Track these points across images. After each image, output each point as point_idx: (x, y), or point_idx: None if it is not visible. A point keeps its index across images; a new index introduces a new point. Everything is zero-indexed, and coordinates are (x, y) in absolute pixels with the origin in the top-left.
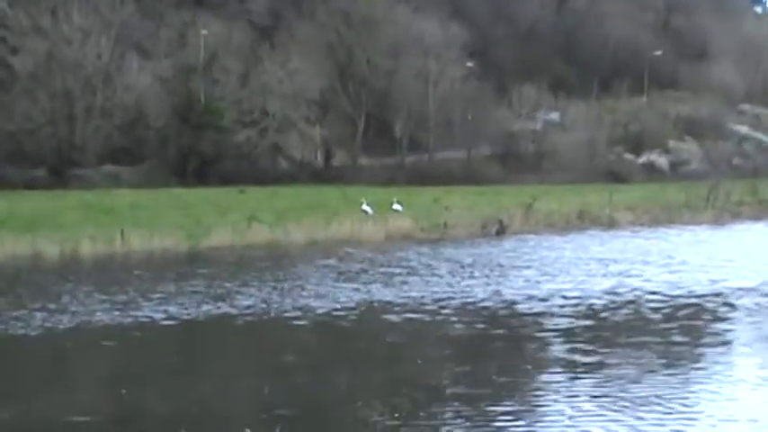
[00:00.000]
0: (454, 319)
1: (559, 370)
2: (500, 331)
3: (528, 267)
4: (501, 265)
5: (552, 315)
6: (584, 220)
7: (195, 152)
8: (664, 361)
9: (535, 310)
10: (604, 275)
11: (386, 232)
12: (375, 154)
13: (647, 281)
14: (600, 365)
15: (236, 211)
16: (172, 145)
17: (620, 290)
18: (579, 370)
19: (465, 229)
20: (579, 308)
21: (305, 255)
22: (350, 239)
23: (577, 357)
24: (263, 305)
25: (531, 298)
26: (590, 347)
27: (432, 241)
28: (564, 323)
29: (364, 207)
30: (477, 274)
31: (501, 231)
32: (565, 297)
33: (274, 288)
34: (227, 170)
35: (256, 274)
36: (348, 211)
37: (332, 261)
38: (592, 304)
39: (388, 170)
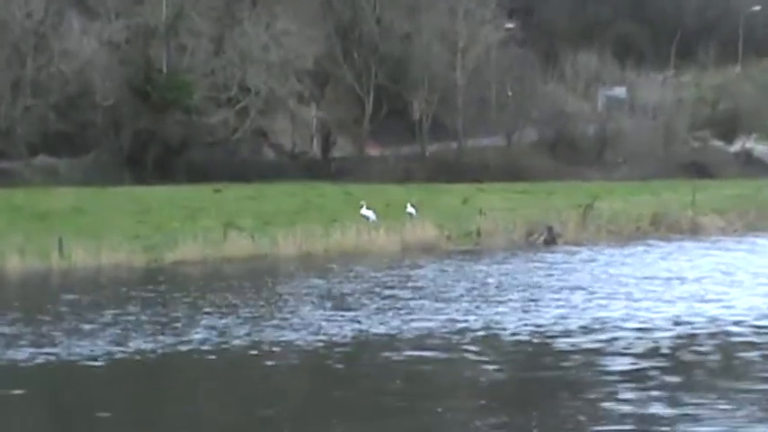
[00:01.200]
0: (479, 357)
1: (621, 426)
2: (541, 374)
3: (580, 288)
4: (546, 286)
5: (608, 353)
6: (658, 227)
7: (156, 139)
8: (763, 414)
9: (586, 346)
10: (675, 300)
11: (402, 243)
12: (387, 142)
13: (730, 307)
14: (675, 420)
15: (209, 215)
16: (126, 130)
17: (696, 319)
18: (647, 426)
19: (504, 238)
20: (643, 342)
21: (295, 272)
22: (354, 252)
23: (644, 409)
24: (236, 339)
25: (581, 330)
26: (659, 395)
27: (461, 254)
28: (623, 363)
29: (364, 211)
30: (514, 297)
31: (550, 241)
32: (625, 328)
33: (251, 316)
34: (198, 162)
35: (230, 298)
36: (353, 215)
37: (328, 280)
38: (659, 338)
39: (405, 162)
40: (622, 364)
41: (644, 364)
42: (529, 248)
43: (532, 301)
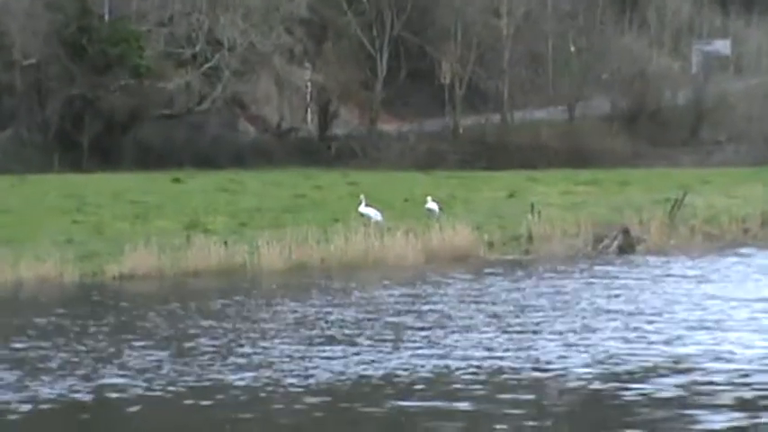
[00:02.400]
0: (520, 411)
1: None
2: None
3: (663, 313)
4: (615, 310)
5: (694, 404)
6: None
7: (95, 111)
8: None
9: (663, 394)
10: None
11: (426, 251)
12: (407, 114)
13: None
14: None
15: (167, 213)
16: (54, 98)
17: None
18: None
19: (563, 244)
20: (740, 393)
21: (279, 290)
22: (362, 264)
23: None
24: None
25: (657, 371)
26: None
27: (505, 266)
28: (718, 421)
29: (363, 208)
30: (571, 324)
31: (626, 248)
32: (714, 370)
33: (203, 351)
34: (151, 142)
35: (183, 325)
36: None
37: (321, 302)
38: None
39: (430, 142)
40: (717, 421)
41: (745, 421)
42: (597, 258)
43: (594, 330)
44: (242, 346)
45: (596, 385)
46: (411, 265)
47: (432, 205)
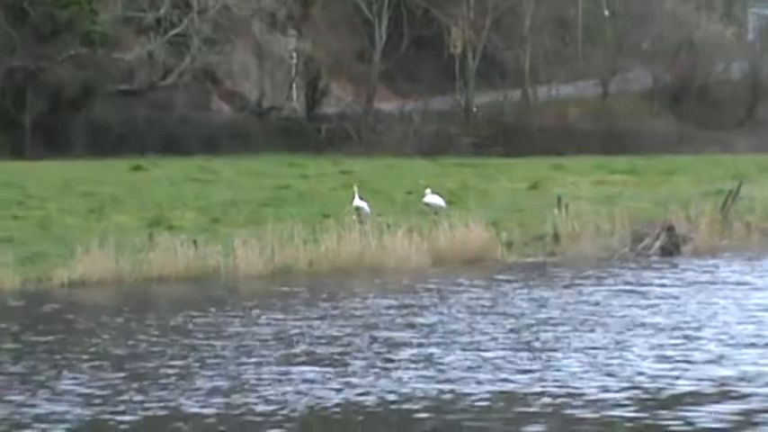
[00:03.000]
0: None
1: None
2: None
3: (703, 329)
4: (652, 324)
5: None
6: None
7: (39, 86)
8: None
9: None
10: None
11: (433, 252)
12: (411, 90)
13: None
14: None
15: (126, 207)
16: None
17: None
18: None
19: (596, 244)
20: None
21: (256, 299)
22: (357, 267)
23: None
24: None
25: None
26: None
27: (527, 270)
28: None
29: (357, 202)
30: (603, 340)
31: (671, 249)
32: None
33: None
34: (106, 123)
35: (145, 339)
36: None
37: (304, 313)
38: None
39: (439, 123)
40: None
41: None
42: (636, 261)
43: (628, 347)
44: (210, 367)
45: (627, 412)
46: (415, 268)
47: (432, 198)
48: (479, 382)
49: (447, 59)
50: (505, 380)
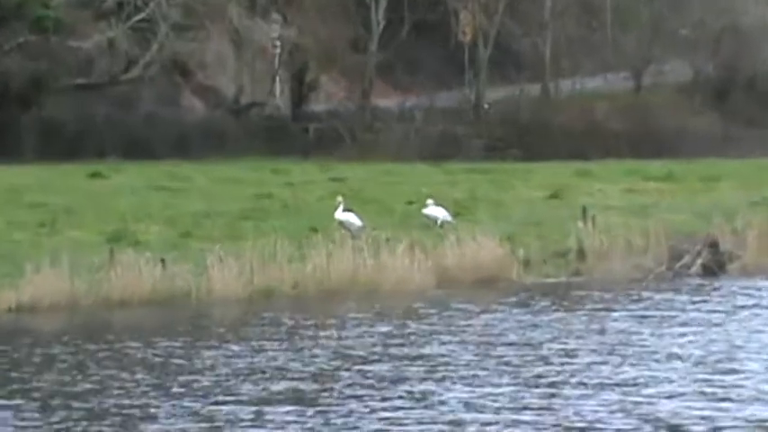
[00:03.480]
0: None
1: None
2: None
3: (745, 362)
4: (687, 357)
5: None
6: None
7: None
8: None
9: None
10: None
11: (437, 272)
12: (412, 84)
13: None
14: None
15: (83, 220)
16: None
17: None
18: None
19: (626, 263)
20: None
21: (232, 327)
22: (351, 290)
23: None
24: None
25: None
26: None
27: (546, 293)
28: None
29: (339, 214)
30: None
31: (714, 267)
32: None
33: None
34: (61, 122)
35: (95, 373)
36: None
37: (285, 342)
38: None
39: (445, 123)
40: None
41: None
42: (674, 282)
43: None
44: (176, 406)
45: None
46: (417, 290)
47: (432, 210)
48: (485, 424)
49: (454, 48)
50: (516, 421)
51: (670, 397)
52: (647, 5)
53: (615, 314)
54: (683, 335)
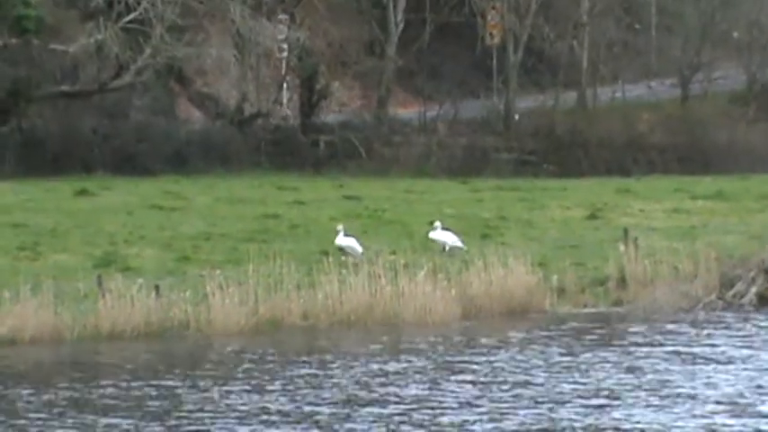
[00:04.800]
0: None
1: None
2: None
3: None
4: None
5: None
6: None
7: None
8: None
9: None
10: None
11: (462, 301)
12: (435, 93)
13: None
14: None
15: (69, 242)
16: None
17: None
18: None
19: (674, 291)
20: None
21: (234, 364)
22: (367, 322)
23: None
24: None
25: None
26: None
27: (584, 323)
28: None
29: (341, 240)
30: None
31: None
32: None
33: None
34: (45, 134)
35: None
36: (363, 241)
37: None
38: None
39: (472, 135)
40: None
41: None
42: (727, 313)
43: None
44: None
45: None
46: (440, 321)
47: (439, 235)
48: None
49: (481, 53)
50: None
51: None
52: (695, 5)
53: (661, 349)
54: (742, 376)
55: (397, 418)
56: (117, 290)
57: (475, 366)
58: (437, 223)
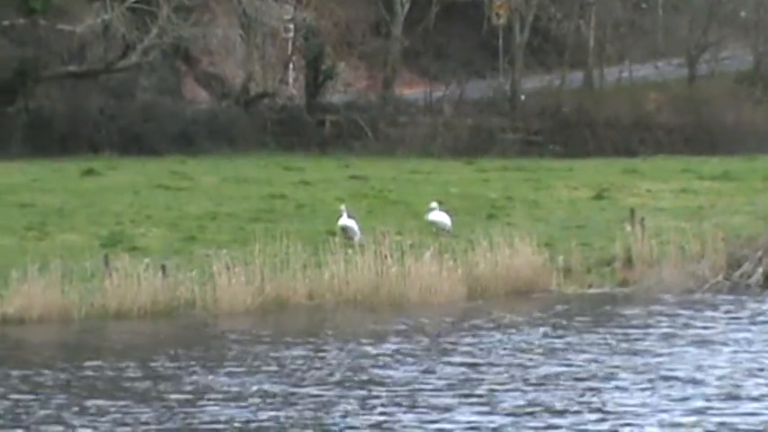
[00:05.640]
0: None
1: None
2: None
3: None
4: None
5: None
6: None
7: None
8: None
9: None
10: None
11: (468, 281)
12: (441, 73)
13: None
14: None
15: (75, 222)
16: None
17: None
18: None
19: (681, 271)
20: None
21: (237, 342)
22: (373, 301)
23: None
24: None
25: None
26: None
27: (590, 304)
28: None
29: (344, 221)
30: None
31: None
32: None
33: None
34: (51, 114)
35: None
36: (369, 221)
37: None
38: None
39: (477, 115)
40: None
41: None
42: (734, 294)
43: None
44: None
45: None
46: (446, 301)
47: (437, 216)
48: None
49: (487, 33)
50: None
51: None
52: None
53: (668, 330)
54: (733, 362)
55: (386, 399)
56: (124, 269)
57: (468, 348)
58: (434, 204)
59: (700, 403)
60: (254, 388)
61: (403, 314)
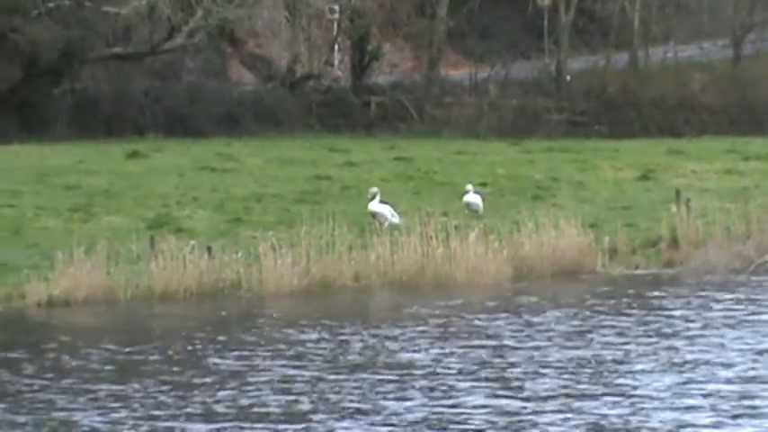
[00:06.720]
0: None
1: None
2: None
3: None
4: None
5: None
6: None
7: (8, 48)
8: None
9: None
10: None
11: (514, 262)
12: (486, 54)
13: None
14: None
15: (120, 204)
16: None
17: None
18: None
19: (726, 252)
20: None
21: (282, 326)
22: (419, 282)
23: None
24: None
25: None
26: None
27: (636, 285)
28: None
29: (373, 206)
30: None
31: None
32: None
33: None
34: (96, 96)
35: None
36: (414, 203)
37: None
38: None
39: (523, 96)
40: None
41: None
42: None
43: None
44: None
45: None
46: (492, 283)
47: (472, 198)
48: None
49: (532, 13)
50: None
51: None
52: None
53: (713, 312)
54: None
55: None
56: (169, 251)
57: (523, 333)
58: (469, 186)
59: (715, 386)
60: (302, 373)
61: (449, 295)
